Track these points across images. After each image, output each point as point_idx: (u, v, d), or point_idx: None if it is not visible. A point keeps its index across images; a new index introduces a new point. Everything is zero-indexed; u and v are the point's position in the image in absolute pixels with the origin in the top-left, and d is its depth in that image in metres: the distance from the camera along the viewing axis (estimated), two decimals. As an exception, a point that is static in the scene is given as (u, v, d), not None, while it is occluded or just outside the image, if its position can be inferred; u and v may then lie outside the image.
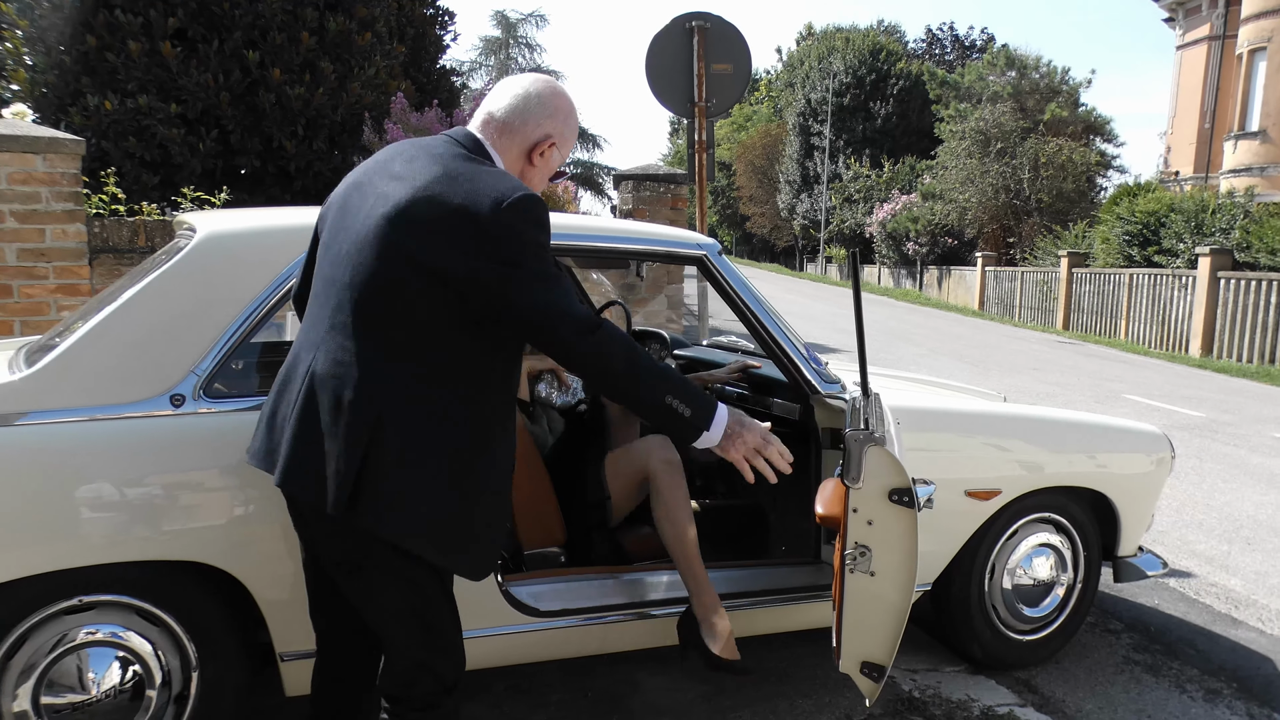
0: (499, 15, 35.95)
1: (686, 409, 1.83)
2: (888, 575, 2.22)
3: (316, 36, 9.91)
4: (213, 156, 9.66)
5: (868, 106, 38.11)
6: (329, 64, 9.98)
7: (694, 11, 5.82)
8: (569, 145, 2.03)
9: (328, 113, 10.10)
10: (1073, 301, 18.96)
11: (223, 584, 2.29)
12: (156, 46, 9.16)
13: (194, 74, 9.35)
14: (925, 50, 50.27)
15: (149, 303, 2.23)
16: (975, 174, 25.21)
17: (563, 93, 2.00)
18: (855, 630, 2.27)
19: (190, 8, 9.17)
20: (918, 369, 10.79)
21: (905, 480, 2.22)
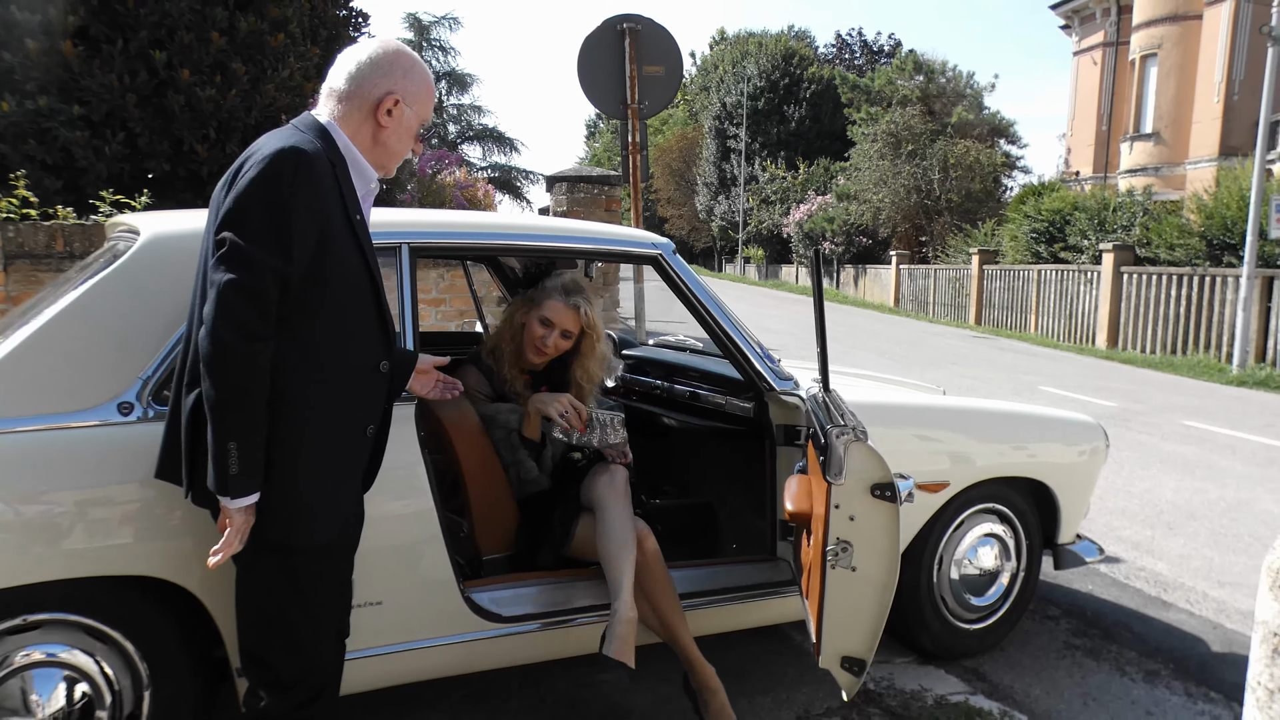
0: (411, 18, 35.48)
1: (238, 468, 1.75)
2: (869, 570, 2.24)
3: (227, 37, 9.59)
4: (119, 160, 9.26)
5: (782, 110, 38.76)
6: (241, 65, 9.66)
7: (625, 14, 5.81)
8: (421, 101, 1.99)
9: (241, 115, 9.78)
10: (984, 297, 19.56)
11: (175, 599, 2.19)
12: (57, 45, 8.76)
13: (97, 74, 8.95)
14: (835, 55, 51.30)
15: (91, 307, 2.13)
16: (887, 175, 25.82)
17: (401, 49, 1.99)
18: (836, 625, 2.28)
19: (91, 5, 8.78)
20: (841, 365, 10.97)
21: (887, 475, 2.24)
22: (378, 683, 2.50)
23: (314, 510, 1.87)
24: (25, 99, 8.61)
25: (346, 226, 1.88)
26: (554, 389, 2.86)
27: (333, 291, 1.85)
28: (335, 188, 1.86)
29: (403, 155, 2.02)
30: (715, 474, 3.51)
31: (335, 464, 1.90)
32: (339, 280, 1.86)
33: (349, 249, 1.88)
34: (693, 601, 2.87)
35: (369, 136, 1.94)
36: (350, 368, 1.90)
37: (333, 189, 1.85)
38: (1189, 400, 9.69)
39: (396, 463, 2.42)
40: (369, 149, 1.96)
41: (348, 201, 1.89)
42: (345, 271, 1.87)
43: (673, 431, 3.67)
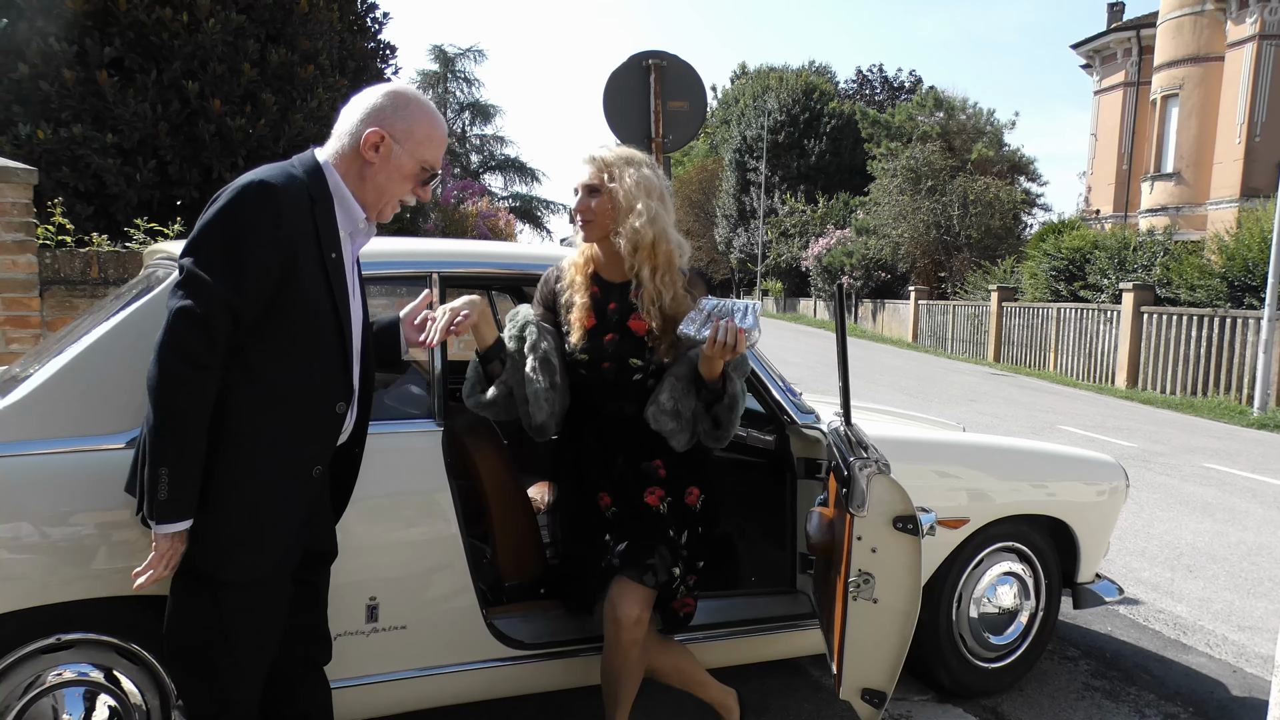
0: (437, 49, 35.99)
1: (166, 494, 1.75)
2: (891, 602, 2.26)
3: (258, 68, 9.80)
4: (150, 187, 9.44)
5: (802, 144, 38.97)
6: (270, 95, 9.86)
7: (652, 50, 5.92)
8: (416, 141, 1.94)
9: (269, 144, 9.96)
10: (1003, 334, 19.51)
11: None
12: (92, 75, 8.96)
13: (131, 103, 9.15)
14: (856, 90, 51.60)
15: (128, 333, 2.18)
16: (907, 210, 25.88)
17: (403, 91, 1.97)
18: (857, 657, 2.30)
19: (128, 37, 9.01)
20: (857, 401, 10.97)
21: (910, 508, 2.27)
22: (400, 707, 2.53)
23: (246, 546, 1.85)
24: (60, 127, 8.81)
25: (317, 264, 1.86)
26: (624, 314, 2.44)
27: (290, 327, 1.84)
28: (310, 223, 1.85)
29: (395, 196, 1.98)
30: (737, 505, 3.53)
31: (275, 502, 1.87)
32: (299, 317, 1.84)
33: (316, 286, 1.86)
34: (711, 633, 2.88)
35: (357, 174, 1.93)
36: (302, 406, 1.87)
37: (305, 224, 1.84)
38: (1210, 442, 9.62)
39: (422, 488, 2.47)
40: (358, 187, 1.94)
41: (323, 238, 1.87)
42: (308, 308, 1.85)
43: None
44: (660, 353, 2.42)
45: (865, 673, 2.31)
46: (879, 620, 2.26)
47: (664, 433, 2.38)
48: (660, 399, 2.37)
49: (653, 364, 2.43)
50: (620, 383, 2.45)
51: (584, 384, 2.48)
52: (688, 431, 2.40)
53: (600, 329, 2.44)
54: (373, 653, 2.42)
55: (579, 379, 2.48)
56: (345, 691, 2.42)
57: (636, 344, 2.42)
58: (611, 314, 2.44)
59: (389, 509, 2.46)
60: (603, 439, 2.49)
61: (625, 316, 2.43)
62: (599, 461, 2.49)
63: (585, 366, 2.46)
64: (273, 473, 1.86)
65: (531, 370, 2.39)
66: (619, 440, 2.48)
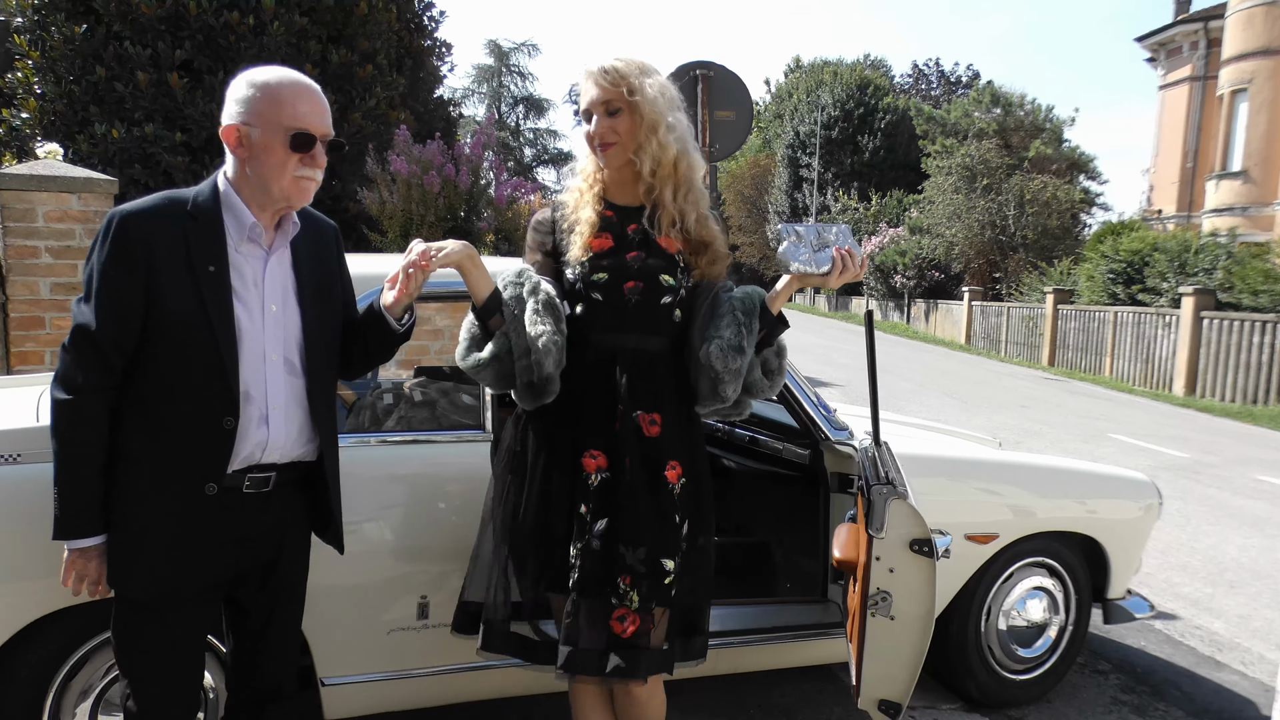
0: (492, 44, 36.36)
1: (58, 510, 1.83)
2: (907, 620, 2.37)
3: (319, 68, 10.08)
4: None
5: (855, 140, 38.68)
6: (330, 95, 10.11)
7: (699, 61, 6.03)
8: (260, 112, 1.84)
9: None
10: (1058, 338, 19.25)
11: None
12: (164, 77, 9.30)
13: (199, 103, 9.47)
14: (912, 85, 51.07)
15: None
16: (961, 209, 25.60)
17: (235, 82, 1.90)
18: (874, 670, 2.41)
19: (197, 40, 9.32)
20: (907, 404, 10.97)
21: (925, 532, 2.37)
22: (445, 699, 2.72)
23: (142, 565, 1.86)
24: (133, 126, 9.17)
25: (187, 279, 1.83)
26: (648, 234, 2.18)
27: (161, 346, 1.84)
28: (179, 242, 1.84)
29: (285, 178, 1.87)
30: (772, 516, 3.65)
31: (165, 522, 1.86)
32: (168, 335, 1.83)
33: (185, 302, 1.82)
34: (745, 638, 3.00)
35: (244, 177, 1.89)
36: (182, 423, 1.85)
37: (168, 245, 1.83)
38: (1266, 453, 9.47)
39: (470, 496, 2.61)
40: (249, 188, 1.89)
41: (195, 254, 1.84)
42: (176, 326, 1.83)
43: (732, 473, 3.82)
44: (695, 275, 2.18)
45: (882, 685, 2.41)
46: (896, 636, 2.37)
47: (724, 374, 2.08)
48: (724, 334, 2.08)
49: (684, 287, 2.17)
50: (648, 307, 2.13)
51: (596, 318, 2.14)
52: (744, 376, 2.13)
53: (621, 248, 2.15)
54: (423, 648, 2.59)
55: (589, 312, 2.14)
56: (398, 683, 2.60)
57: (668, 261, 2.15)
58: (633, 234, 2.16)
59: (437, 515, 2.62)
60: (610, 385, 2.12)
61: (650, 236, 2.17)
62: (598, 414, 2.12)
63: (603, 289, 2.13)
64: (159, 492, 1.85)
65: (534, 313, 2.06)
66: (634, 386, 2.11)
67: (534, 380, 2.06)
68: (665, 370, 2.15)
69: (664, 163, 2.12)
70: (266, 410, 1.92)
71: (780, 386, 2.24)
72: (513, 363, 2.08)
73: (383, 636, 2.57)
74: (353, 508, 2.51)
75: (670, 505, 2.10)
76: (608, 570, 2.05)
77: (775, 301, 2.17)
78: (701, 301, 2.18)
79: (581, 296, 2.15)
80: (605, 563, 2.05)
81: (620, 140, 2.11)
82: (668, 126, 2.11)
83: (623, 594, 2.04)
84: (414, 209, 8.83)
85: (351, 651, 2.55)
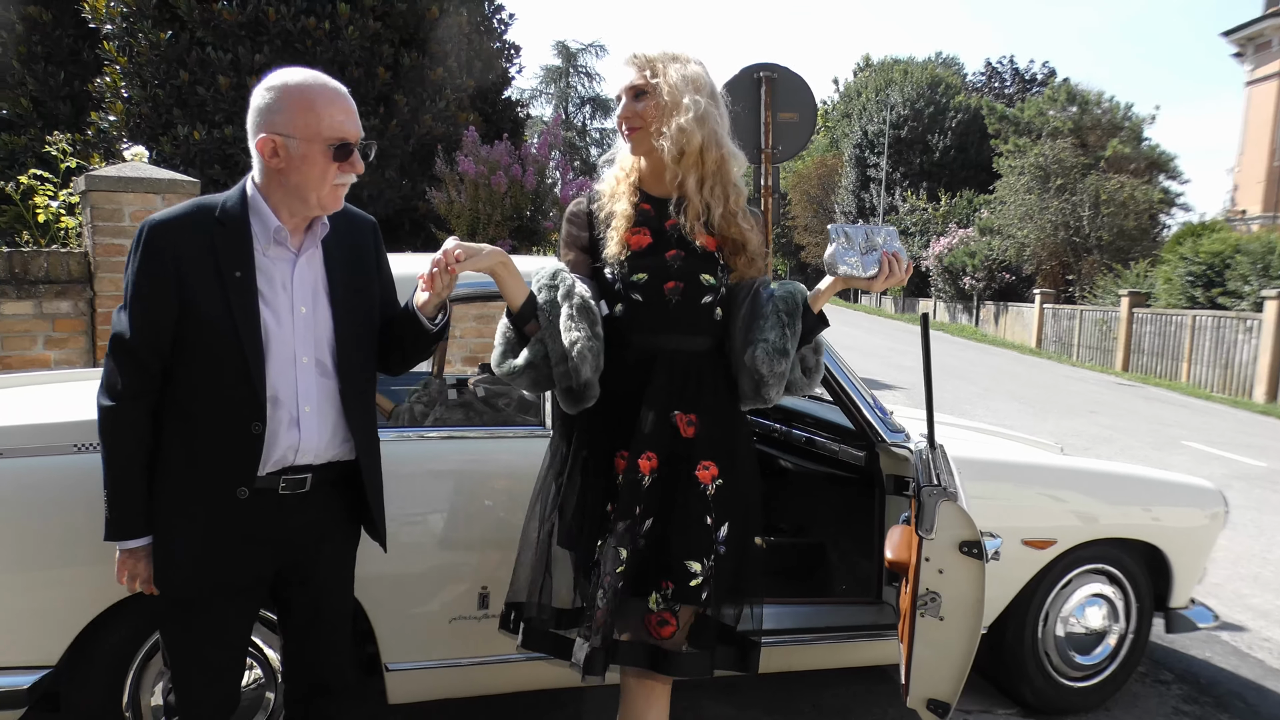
0: (560, 45, 36.65)
1: (108, 513, 1.89)
2: (956, 620, 2.39)
3: (391, 71, 10.32)
4: (291, 184, 10.06)
5: (925, 139, 38.13)
6: (402, 97, 10.37)
7: (762, 63, 6.05)
8: (298, 124, 1.83)
9: (400, 144, 10.48)
10: (1133, 342, 18.77)
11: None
12: (243, 81, 9.60)
13: (277, 106, 9.73)
14: (984, 84, 50.10)
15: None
16: (1034, 210, 25.09)
17: (264, 87, 1.89)
18: (923, 669, 2.44)
19: (275, 44, 9.61)
20: (973, 409, 10.82)
21: (975, 534, 2.39)
22: (505, 688, 2.82)
23: (175, 563, 1.90)
24: (214, 128, 9.50)
25: (216, 286, 1.85)
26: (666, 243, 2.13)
27: (193, 352, 1.86)
28: (206, 249, 1.86)
29: (323, 186, 1.88)
30: (828, 517, 3.67)
31: (198, 522, 1.89)
32: (197, 341, 1.86)
33: (214, 309, 1.85)
34: (799, 637, 3.03)
35: (278, 184, 1.89)
36: (213, 428, 1.88)
37: (197, 252, 1.85)
38: (1350, 463, 9.14)
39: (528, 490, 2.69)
40: (283, 195, 1.90)
41: (223, 260, 1.86)
42: (205, 332, 1.85)
43: (789, 474, 3.85)
44: (736, 274, 2.15)
45: (931, 684, 2.43)
46: (945, 636, 2.38)
47: (769, 378, 2.06)
48: (769, 337, 2.06)
49: (724, 285, 2.13)
50: (688, 307, 2.10)
51: (636, 319, 2.11)
52: (788, 378, 2.11)
53: (660, 245, 2.11)
54: (483, 636, 2.67)
55: (630, 313, 2.11)
56: (459, 670, 2.70)
57: (707, 259, 2.11)
58: (671, 230, 2.12)
59: (499, 508, 2.70)
60: (648, 386, 2.08)
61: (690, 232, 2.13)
62: (629, 415, 2.08)
63: (642, 289, 2.09)
64: (193, 494, 1.89)
65: (568, 318, 2.03)
66: (674, 386, 2.09)
67: (573, 386, 2.04)
68: (705, 370, 2.12)
69: (688, 150, 2.06)
70: (298, 413, 1.92)
71: (818, 383, 2.23)
72: (549, 368, 2.06)
73: (445, 624, 2.66)
74: (417, 500, 2.62)
75: (701, 506, 2.05)
76: (640, 571, 2.04)
77: (817, 301, 2.15)
78: (740, 300, 2.14)
79: (621, 297, 2.11)
80: (640, 564, 2.03)
81: (644, 125, 2.09)
82: (689, 111, 2.04)
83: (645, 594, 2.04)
84: (481, 208, 8.99)
85: (415, 638, 2.64)
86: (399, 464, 2.55)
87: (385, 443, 2.22)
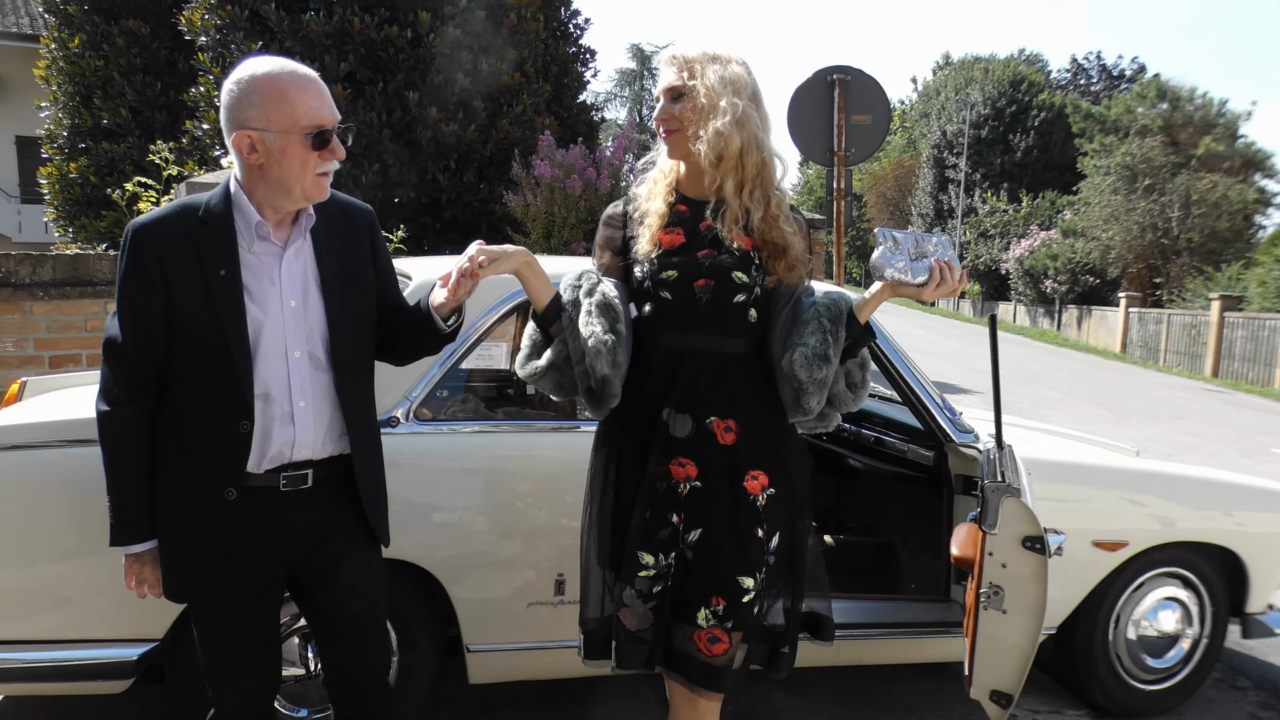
0: (635, 48, 36.85)
1: (111, 518, 1.90)
2: (1018, 614, 2.43)
3: (470, 77, 10.57)
4: (373, 187, 10.38)
5: (1006, 139, 37.32)
6: (480, 102, 10.61)
7: (836, 65, 6.08)
8: (274, 117, 1.78)
9: (478, 148, 10.73)
10: (1224, 347, 18.16)
11: (420, 581, 2.67)
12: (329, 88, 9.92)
13: (360, 113, 10.08)
14: (1070, 81, 48.87)
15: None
16: (1120, 211, 24.43)
17: (232, 81, 1.83)
18: (986, 661, 2.48)
19: (360, 53, 9.93)
20: (1052, 414, 10.64)
21: (1038, 529, 2.42)
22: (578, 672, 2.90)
23: (176, 568, 1.91)
24: (305, 134, 9.89)
25: (201, 286, 1.83)
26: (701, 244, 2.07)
27: (179, 354, 1.85)
28: (190, 249, 1.84)
29: (307, 176, 1.84)
30: (898, 516, 3.70)
31: (186, 526, 1.89)
32: (183, 343, 1.85)
33: (200, 308, 1.83)
34: (868, 631, 3.08)
35: (260, 179, 1.85)
36: (201, 428, 1.86)
37: (181, 253, 1.84)
38: None
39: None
40: (266, 190, 1.86)
41: (207, 259, 1.84)
42: (192, 332, 1.84)
43: (859, 473, 3.89)
44: (771, 281, 2.07)
45: (994, 676, 2.47)
46: (1008, 629, 2.42)
47: (807, 384, 1.97)
48: (809, 342, 1.97)
49: (759, 285, 2.05)
50: (719, 305, 2.03)
51: (664, 317, 2.05)
52: (829, 387, 2.02)
53: (692, 245, 2.06)
54: (559, 621, 2.78)
55: (658, 311, 2.05)
56: (536, 653, 2.81)
57: (741, 258, 2.04)
58: (705, 231, 2.06)
59: (574, 498, 2.81)
60: (674, 386, 2.03)
61: (721, 234, 2.07)
62: (659, 420, 2.03)
63: (671, 287, 2.03)
64: (188, 497, 1.88)
65: (587, 314, 2.00)
66: (705, 389, 2.02)
67: (592, 385, 2.00)
68: (739, 373, 2.04)
69: (726, 154, 1.99)
70: (292, 408, 1.89)
71: (864, 400, 2.13)
72: (572, 370, 2.03)
73: (522, 609, 2.77)
74: (497, 490, 2.75)
75: (752, 518, 1.99)
76: (679, 585, 2.00)
77: (864, 309, 2.07)
78: (781, 306, 2.06)
79: (650, 295, 2.05)
80: (681, 576, 1.99)
81: (681, 127, 2.03)
82: (726, 114, 1.98)
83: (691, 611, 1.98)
84: (556, 211, 9.17)
85: (494, 622, 2.76)
86: (473, 456, 2.67)
87: (464, 433, 2.33)
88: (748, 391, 2.05)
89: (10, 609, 2.47)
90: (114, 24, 11.45)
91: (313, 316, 1.92)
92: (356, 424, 1.97)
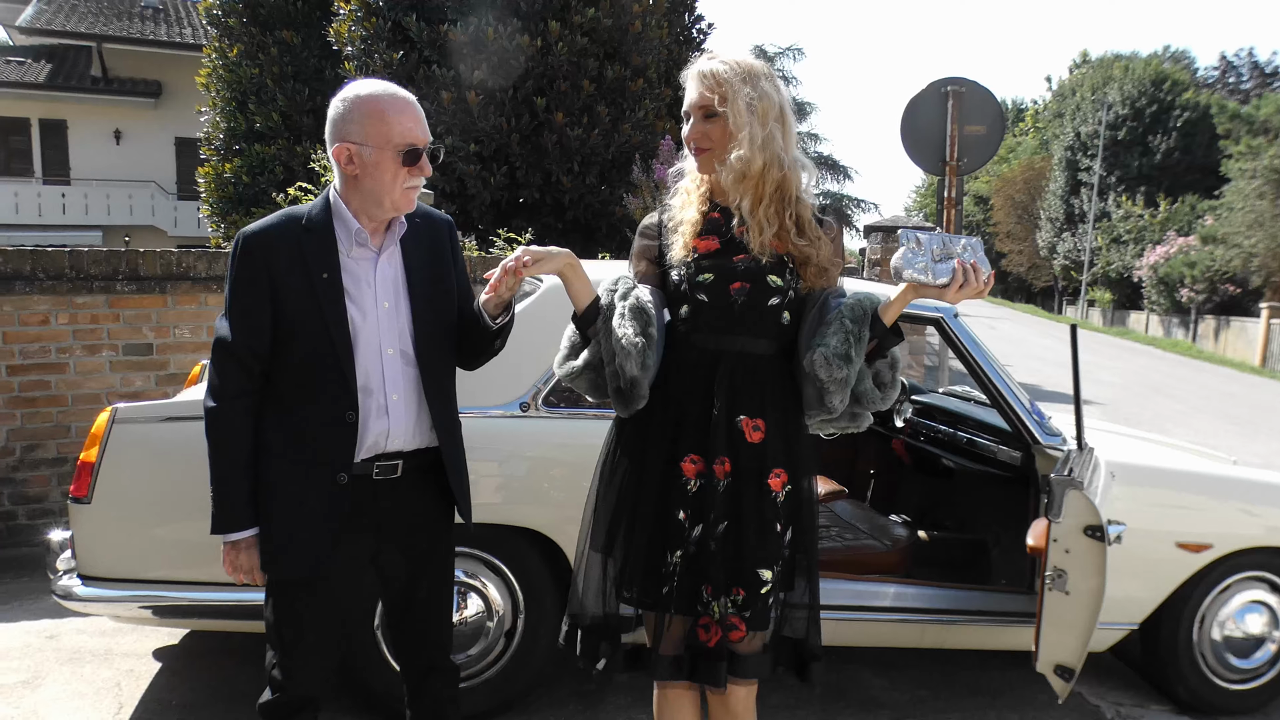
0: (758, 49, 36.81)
1: (214, 507, 2.01)
2: (1080, 595, 2.64)
3: (595, 83, 10.97)
4: (500, 189, 10.92)
5: (1145, 140, 35.79)
6: (604, 107, 11.01)
7: (951, 77, 6.21)
8: (370, 133, 1.96)
9: (601, 152, 11.13)
10: (1373, 363, 17.15)
11: (544, 548, 3.01)
12: (463, 95, 10.49)
13: (491, 118, 10.60)
14: (1218, 79, 46.50)
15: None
16: (1265, 217, 23.23)
17: (339, 98, 2.01)
18: (1051, 639, 2.70)
19: (492, 61, 10.44)
20: (1174, 427, 10.38)
21: (1098, 519, 2.61)
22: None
23: (281, 548, 2.02)
24: (434, 139, 10.47)
25: (306, 288, 1.98)
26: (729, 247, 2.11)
27: (288, 350, 1.99)
28: (296, 255, 1.99)
29: (396, 186, 2.00)
30: (989, 514, 3.87)
31: (301, 509, 2.01)
32: (292, 340, 1.99)
33: (306, 309, 1.98)
34: (955, 617, 3.28)
35: (355, 189, 2.02)
36: (311, 419, 2.00)
37: (287, 259, 1.99)
38: None
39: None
40: (361, 200, 2.03)
41: (312, 263, 1.99)
42: (300, 331, 1.98)
43: (953, 473, 4.07)
44: (805, 284, 2.10)
45: (1058, 651, 2.67)
46: (1070, 609, 2.62)
47: (828, 383, 1.99)
48: (830, 342, 1.99)
49: (793, 288, 2.09)
50: (754, 308, 2.07)
51: (701, 319, 2.09)
52: (851, 385, 2.03)
53: (727, 250, 2.10)
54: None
55: (694, 313, 2.09)
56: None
57: (775, 261, 2.08)
58: (740, 236, 2.10)
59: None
60: (712, 390, 2.07)
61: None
62: (700, 418, 2.07)
63: (708, 290, 2.07)
64: (294, 483, 2.01)
65: (620, 316, 2.05)
66: (738, 389, 2.07)
67: (620, 385, 2.03)
68: (771, 374, 2.10)
69: (749, 174, 2.05)
70: (386, 401, 2.05)
71: (893, 399, 2.12)
72: (604, 370, 2.08)
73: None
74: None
75: (774, 514, 2.06)
76: (695, 580, 2.04)
77: (888, 311, 2.05)
78: (810, 308, 2.10)
79: (686, 298, 2.10)
80: (697, 571, 2.03)
81: (713, 147, 2.07)
82: (753, 142, 2.03)
83: (705, 603, 2.03)
84: (674, 214, 9.47)
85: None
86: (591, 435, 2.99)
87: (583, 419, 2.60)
88: (776, 392, 2.10)
89: (197, 555, 2.85)
90: (269, 34, 12.28)
91: (402, 317, 2.09)
92: (441, 417, 2.14)
